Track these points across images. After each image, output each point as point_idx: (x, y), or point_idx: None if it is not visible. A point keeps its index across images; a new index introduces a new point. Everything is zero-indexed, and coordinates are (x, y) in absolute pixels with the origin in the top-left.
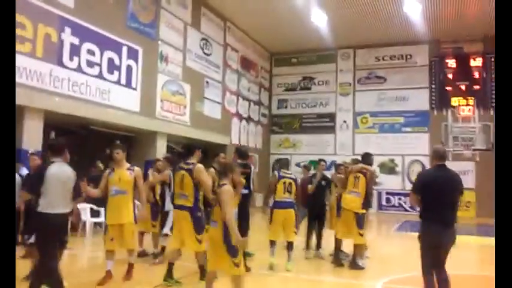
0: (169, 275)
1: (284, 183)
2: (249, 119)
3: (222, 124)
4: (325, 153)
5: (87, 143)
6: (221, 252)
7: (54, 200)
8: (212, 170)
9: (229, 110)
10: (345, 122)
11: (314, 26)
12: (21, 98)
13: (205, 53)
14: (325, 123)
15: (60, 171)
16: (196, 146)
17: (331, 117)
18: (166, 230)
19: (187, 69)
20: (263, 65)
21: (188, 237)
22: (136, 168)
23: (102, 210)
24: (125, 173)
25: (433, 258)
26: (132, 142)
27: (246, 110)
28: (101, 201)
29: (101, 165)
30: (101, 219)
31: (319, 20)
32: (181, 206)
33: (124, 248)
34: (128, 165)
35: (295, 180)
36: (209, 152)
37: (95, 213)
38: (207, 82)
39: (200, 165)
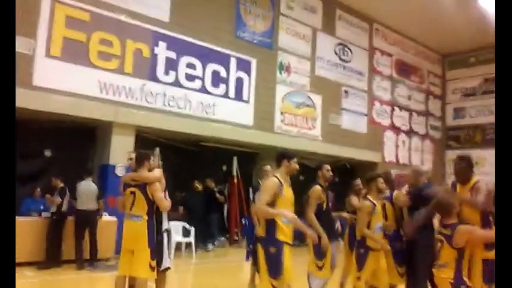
0: None
1: None
2: (410, 133)
3: (369, 138)
4: None
5: (199, 160)
6: None
7: None
8: (318, 187)
9: (379, 122)
10: None
11: (490, 12)
12: (106, 113)
13: (342, 60)
14: None
15: None
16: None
17: None
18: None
19: (317, 78)
20: (431, 69)
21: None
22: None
23: (193, 229)
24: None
25: None
26: (255, 159)
27: (406, 122)
28: (193, 218)
29: (198, 185)
30: (191, 239)
31: (490, 2)
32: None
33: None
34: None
35: None
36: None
37: (185, 233)
38: (346, 92)
39: None
